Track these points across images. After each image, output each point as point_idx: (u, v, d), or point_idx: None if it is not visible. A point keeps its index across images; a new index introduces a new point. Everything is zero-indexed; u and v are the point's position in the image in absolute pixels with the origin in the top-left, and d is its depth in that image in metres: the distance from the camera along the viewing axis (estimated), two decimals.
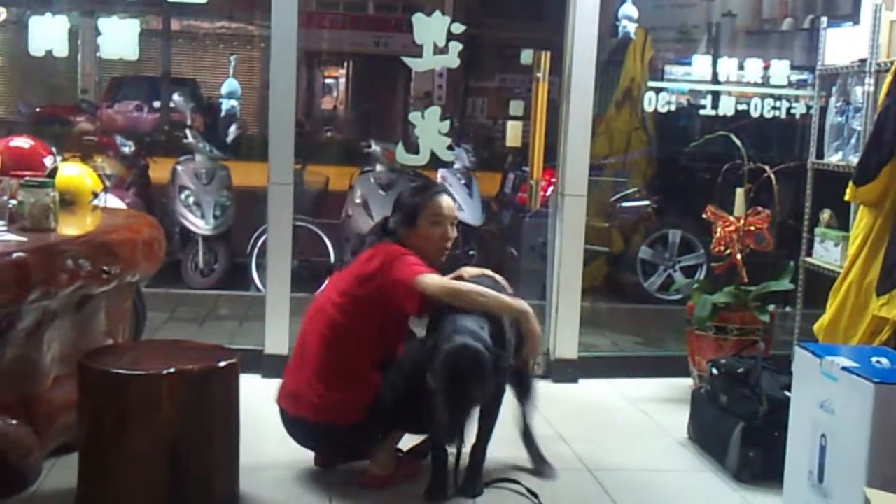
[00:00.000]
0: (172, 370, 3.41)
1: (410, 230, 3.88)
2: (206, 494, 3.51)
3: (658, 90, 7.05)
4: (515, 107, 8.05)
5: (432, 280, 3.67)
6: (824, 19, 5.72)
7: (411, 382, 3.56)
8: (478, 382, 3.33)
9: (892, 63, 4.75)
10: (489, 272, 4.12)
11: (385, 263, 3.73)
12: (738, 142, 5.30)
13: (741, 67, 6.95)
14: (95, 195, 4.63)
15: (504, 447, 3.99)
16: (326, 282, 4.11)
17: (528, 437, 4.08)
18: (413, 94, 15.23)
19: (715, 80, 7.01)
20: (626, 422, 4.93)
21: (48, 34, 5.75)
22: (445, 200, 3.96)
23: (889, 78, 4.55)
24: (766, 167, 5.34)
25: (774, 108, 6.79)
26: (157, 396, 3.38)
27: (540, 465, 4.05)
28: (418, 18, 5.19)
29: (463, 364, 3.33)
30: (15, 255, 3.32)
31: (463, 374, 3.32)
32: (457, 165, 8.31)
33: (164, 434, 3.39)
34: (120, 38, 6.17)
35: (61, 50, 5.78)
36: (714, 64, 7.09)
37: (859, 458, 3.14)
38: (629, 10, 8.18)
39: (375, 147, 8.20)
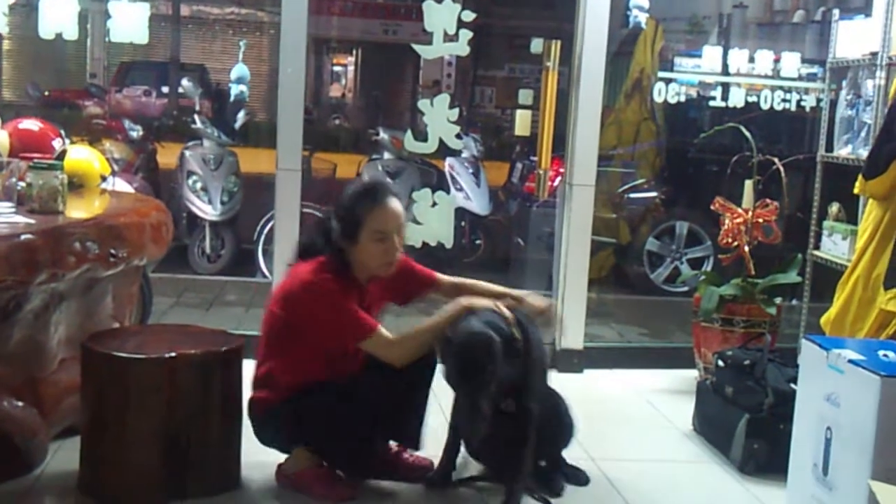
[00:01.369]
0: (174, 354, 3.41)
1: (352, 245, 3.52)
2: (206, 479, 3.51)
3: (668, 81, 7.04)
4: (524, 96, 8.06)
5: (384, 346, 3.46)
6: (836, 11, 5.71)
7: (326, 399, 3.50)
8: (490, 362, 3.29)
9: None
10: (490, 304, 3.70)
11: (307, 312, 3.47)
12: (747, 134, 5.28)
13: (752, 59, 6.94)
14: (104, 179, 4.64)
15: None
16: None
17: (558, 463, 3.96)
18: (422, 82, 15.22)
19: (725, 72, 7.00)
20: (630, 412, 4.93)
21: (58, 17, 5.75)
22: (390, 210, 3.52)
23: None
24: (776, 159, 5.33)
25: (784, 100, 6.79)
26: (159, 380, 3.38)
27: (572, 473, 3.95)
28: (429, 6, 5.17)
29: (475, 349, 3.29)
30: (23, 237, 3.33)
31: (474, 357, 3.28)
32: (465, 154, 8.32)
33: (164, 418, 3.39)
34: (130, 21, 6.18)
35: (71, 33, 5.78)
36: (724, 55, 7.08)
37: (865, 450, 3.13)
38: None
39: (383, 135, 8.20)
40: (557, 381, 4.94)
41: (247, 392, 3.68)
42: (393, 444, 3.83)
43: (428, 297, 3.89)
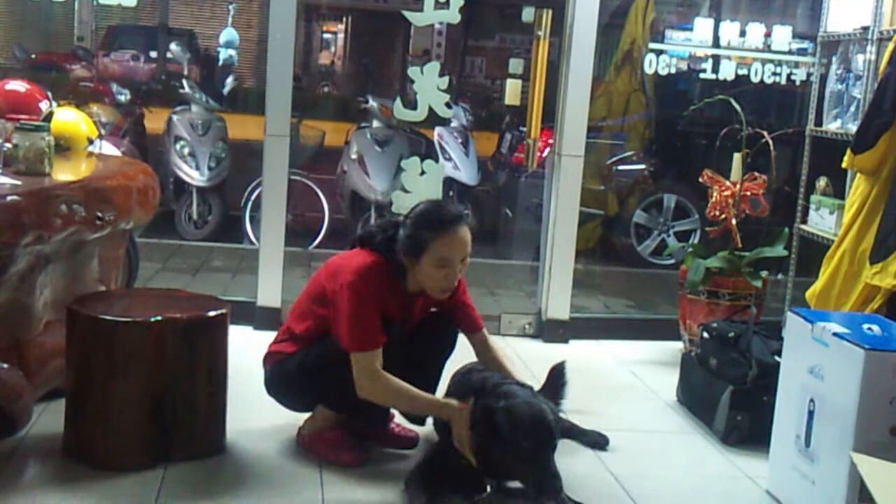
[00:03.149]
0: (160, 318, 3.41)
1: (412, 262, 3.50)
2: (191, 443, 3.52)
3: (659, 53, 7.02)
4: (515, 65, 8.02)
5: (365, 369, 3.41)
6: None
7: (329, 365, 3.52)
8: (556, 429, 3.31)
9: (894, 31, 4.73)
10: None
11: (339, 294, 3.47)
12: (737, 106, 5.28)
13: (743, 32, 6.92)
14: (91, 141, 4.61)
15: None
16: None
17: (572, 433, 3.99)
18: (412, 50, 15.12)
19: (716, 45, 6.97)
20: (615, 383, 4.95)
21: None
22: (458, 239, 3.49)
23: (891, 46, 4.54)
24: (765, 133, 5.32)
25: (775, 73, 6.77)
26: (144, 344, 3.38)
27: (592, 439, 4.01)
28: None
29: (540, 420, 3.28)
30: (9, 199, 3.31)
31: (546, 423, 3.27)
32: (454, 124, 8.29)
33: (150, 382, 3.39)
34: None
35: None
36: (715, 28, 7.05)
37: (847, 423, 3.15)
38: None
39: (372, 103, 8.16)
40: (542, 352, 4.99)
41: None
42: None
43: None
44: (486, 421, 3.30)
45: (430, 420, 3.76)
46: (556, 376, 3.51)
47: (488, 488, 3.40)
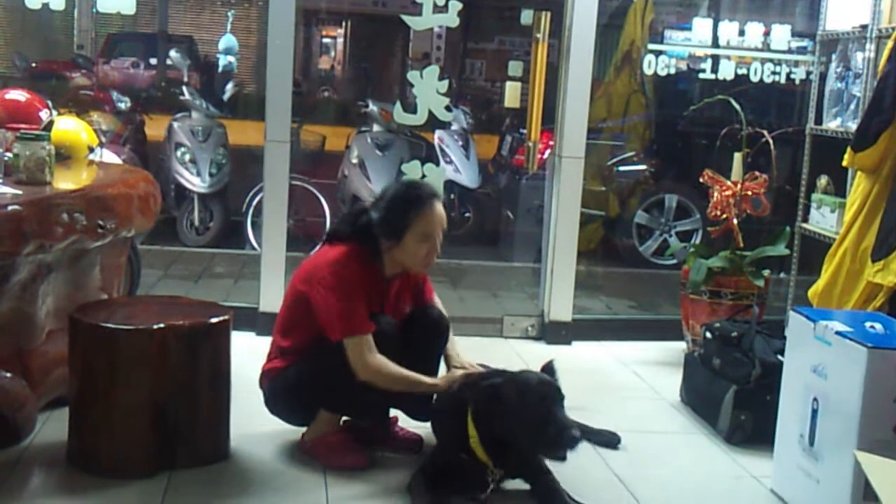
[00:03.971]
0: (162, 325, 3.41)
1: (394, 243, 3.55)
2: (195, 450, 3.52)
3: (658, 53, 7.01)
4: (514, 67, 8.00)
5: (360, 351, 3.46)
6: None
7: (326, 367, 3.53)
8: (560, 386, 3.39)
9: (893, 29, 4.73)
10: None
11: (320, 287, 3.50)
12: (737, 106, 5.28)
13: (742, 32, 6.92)
14: (91, 150, 4.62)
15: None
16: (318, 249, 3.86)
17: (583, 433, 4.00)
18: (411, 54, 15.12)
19: (715, 44, 6.97)
20: (618, 384, 4.95)
21: None
22: (437, 213, 3.57)
23: (890, 44, 4.54)
24: (765, 132, 5.33)
25: (774, 73, 6.75)
26: (147, 351, 3.38)
27: (603, 438, 4.04)
28: None
29: (544, 380, 3.39)
30: (10, 208, 3.32)
31: (551, 385, 3.36)
32: (454, 127, 8.29)
33: (153, 389, 3.40)
34: None
35: (58, 3, 5.72)
36: (714, 28, 7.04)
37: (851, 421, 3.15)
38: None
39: (373, 107, 8.17)
40: (545, 353, 4.98)
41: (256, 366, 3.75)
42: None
43: None
44: (492, 400, 3.33)
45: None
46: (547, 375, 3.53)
47: (490, 489, 3.40)
